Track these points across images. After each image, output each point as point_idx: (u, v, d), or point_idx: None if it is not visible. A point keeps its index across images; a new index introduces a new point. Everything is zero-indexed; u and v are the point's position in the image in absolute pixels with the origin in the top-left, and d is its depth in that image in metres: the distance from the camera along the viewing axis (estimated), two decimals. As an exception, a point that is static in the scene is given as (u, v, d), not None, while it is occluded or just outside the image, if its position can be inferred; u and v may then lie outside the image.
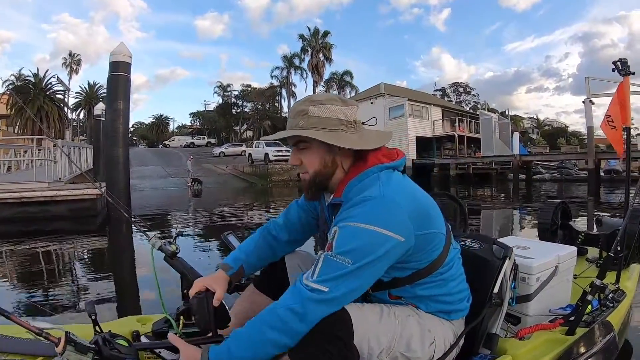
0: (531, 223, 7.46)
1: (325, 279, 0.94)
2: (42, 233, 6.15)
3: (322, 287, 0.94)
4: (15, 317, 0.86)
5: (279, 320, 0.94)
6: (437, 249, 1.08)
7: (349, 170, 1.11)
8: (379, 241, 0.96)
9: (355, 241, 0.96)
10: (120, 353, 0.88)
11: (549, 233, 2.41)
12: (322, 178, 1.12)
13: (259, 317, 0.97)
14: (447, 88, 55.71)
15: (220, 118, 45.24)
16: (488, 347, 1.24)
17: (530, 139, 43.25)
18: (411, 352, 1.06)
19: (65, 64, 41.20)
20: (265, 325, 0.95)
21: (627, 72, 2.34)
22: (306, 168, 1.12)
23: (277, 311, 0.95)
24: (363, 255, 0.95)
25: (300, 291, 0.95)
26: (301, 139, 1.10)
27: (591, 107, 15.41)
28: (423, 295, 1.11)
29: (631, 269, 2.09)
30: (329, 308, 0.95)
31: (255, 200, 13.35)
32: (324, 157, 1.10)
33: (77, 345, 0.84)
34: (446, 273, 1.12)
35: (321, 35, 38.37)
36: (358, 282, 0.97)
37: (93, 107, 34.88)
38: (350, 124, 1.09)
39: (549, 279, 1.58)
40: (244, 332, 0.97)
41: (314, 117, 1.07)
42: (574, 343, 1.30)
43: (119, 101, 7.49)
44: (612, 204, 10.94)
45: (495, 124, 22.19)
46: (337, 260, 0.95)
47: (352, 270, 0.95)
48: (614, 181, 18.04)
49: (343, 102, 1.10)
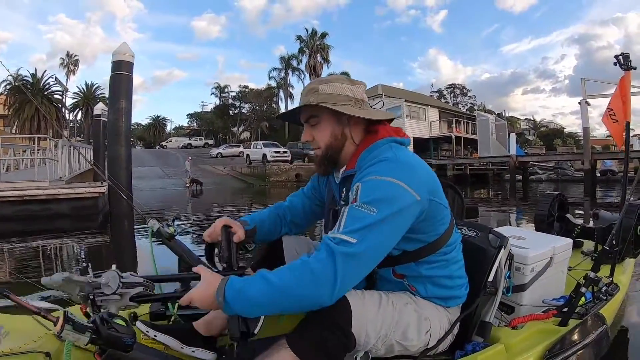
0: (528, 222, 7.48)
1: (352, 229, 0.94)
2: (44, 231, 6.16)
3: (349, 238, 0.92)
4: (14, 296, 0.87)
5: (310, 274, 0.90)
6: (444, 224, 1.12)
7: (360, 143, 1.16)
8: (400, 193, 0.98)
9: (379, 191, 0.98)
10: (118, 332, 0.89)
11: (545, 224, 2.43)
12: (333, 151, 1.17)
13: (288, 268, 0.94)
14: (443, 89, 55.86)
15: (218, 119, 45.20)
16: (481, 335, 1.26)
17: (527, 140, 43.29)
18: (407, 341, 1.08)
19: (63, 65, 41.09)
20: (292, 277, 0.91)
21: (629, 67, 2.34)
22: (318, 143, 1.18)
23: (308, 265, 0.92)
24: (387, 205, 0.96)
25: (328, 245, 0.93)
26: (312, 113, 1.16)
27: (587, 109, 15.47)
28: (426, 275, 1.13)
29: (625, 264, 2.11)
30: (359, 265, 0.94)
31: (255, 201, 13.35)
32: (334, 130, 1.15)
33: (76, 325, 0.85)
34: (449, 254, 1.15)
35: (319, 36, 38.34)
36: (382, 236, 0.96)
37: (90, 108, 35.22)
38: (357, 101, 1.15)
39: (544, 270, 1.60)
40: (267, 275, 0.94)
41: (324, 94, 1.12)
42: (567, 334, 1.31)
43: (122, 100, 7.52)
44: (609, 203, 10.98)
45: (492, 125, 22.29)
46: (361, 210, 0.96)
47: (377, 221, 0.94)
48: (609, 181, 18.46)
49: (350, 81, 1.17)
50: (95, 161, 10.94)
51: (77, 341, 0.85)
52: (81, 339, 0.85)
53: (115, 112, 7.59)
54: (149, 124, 50.79)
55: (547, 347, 1.26)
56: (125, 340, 0.89)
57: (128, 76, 7.59)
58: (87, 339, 0.86)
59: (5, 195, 7.09)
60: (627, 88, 2.47)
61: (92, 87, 39.62)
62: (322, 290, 0.90)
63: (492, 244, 1.32)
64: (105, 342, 0.87)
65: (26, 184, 7.54)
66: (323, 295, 0.91)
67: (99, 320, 0.88)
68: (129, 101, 7.65)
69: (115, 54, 7.47)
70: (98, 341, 0.87)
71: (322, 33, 38.38)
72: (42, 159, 9.68)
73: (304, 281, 0.90)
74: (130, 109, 7.74)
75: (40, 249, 5.02)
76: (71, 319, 0.85)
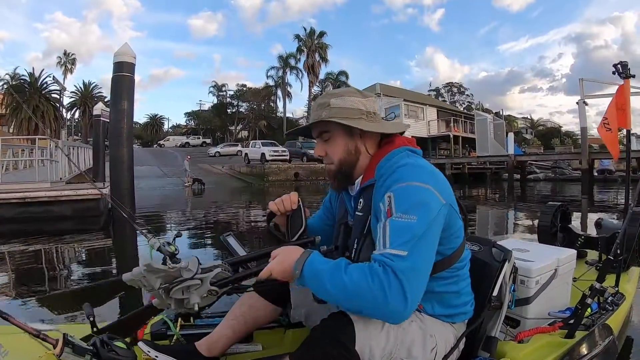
0: (526, 223, 7.50)
1: (400, 242, 0.92)
2: (45, 233, 6.15)
3: (400, 252, 0.91)
4: (12, 318, 0.86)
5: (380, 288, 0.88)
6: (459, 236, 1.11)
7: (376, 153, 1.16)
8: (431, 197, 0.99)
9: (413, 197, 0.98)
10: (118, 355, 0.87)
11: (548, 235, 2.41)
12: (347, 166, 1.16)
13: (362, 273, 0.91)
14: (441, 88, 55.99)
15: (216, 118, 45.24)
16: (487, 350, 1.24)
17: (524, 139, 43.50)
18: (412, 358, 1.06)
19: (60, 63, 41.04)
20: (366, 286, 0.89)
21: (628, 75, 2.34)
22: (331, 158, 1.17)
23: (379, 278, 0.89)
24: (424, 210, 0.96)
25: (385, 263, 0.90)
26: (324, 129, 1.16)
27: (585, 108, 15.73)
28: (437, 291, 1.10)
29: (631, 272, 2.10)
30: (419, 277, 0.92)
31: (256, 201, 13.34)
32: (347, 145, 1.15)
33: (75, 348, 0.84)
34: (461, 270, 1.14)
35: (317, 35, 38.37)
36: (429, 243, 0.96)
37: (88, 107, 35.22)
38: (370, 114, 1.14)
39: (549, 282, 1.58)
40: (344, 272, 0.92)
41: (336, 108, 1.12)
42: (574, 346, 1.29)
43: (124, 101, 7.51)
44: (605, 202, 11.12)
45: (490, 125, 22.56)
46: (402, 220, 0.95)
47: (421, 228, 0.94)
48: (607, 181, 18.72)
49: (362, 94, 1.16)
50: (95, 161, 10.96)
51: (77, 364, 0.84)
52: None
53: (117, 113, 7.58)
54: (147, 123, 50.73)
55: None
56: (125, 363, 0.88)
57: (130, 77, 7.57)
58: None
59: (7, 198, 7.09)
60: (626, 96, 2.46)
61: (90, 86, 39.66)
62: (395, 305, 0.88)
63: (495, 258, 1.30)
64: (105, 365, 0.86)
65: (28, 186, 7.57)
66: (397, 312, 0.89)
67: (99, 343, 0.87)
68: (130, 102, 7.64)
69: (117, 55, 7.45)
70: (98, 364, 0.85)
71: (320, 32, 38.53)
72: (41, 160, 9.68)
73: (377, 294, 0.88)
74: (132, 110, 7.74)
75: (41, 251, 5.00)
76: (71, 342, 0.84)
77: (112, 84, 7.62)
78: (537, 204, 10.62)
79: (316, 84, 38.26)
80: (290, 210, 1.26)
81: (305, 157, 22.38)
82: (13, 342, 1.08)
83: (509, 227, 7.53)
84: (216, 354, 1.27)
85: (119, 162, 7.59)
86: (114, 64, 7.46)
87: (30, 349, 1.06)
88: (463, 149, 25.61)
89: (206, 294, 0.98)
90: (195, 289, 0.97)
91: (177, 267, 0.96)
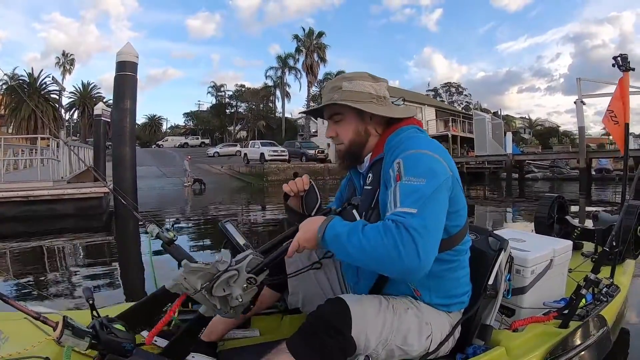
0: (525, 220, 7.52)
1: (409, 202, 0.93)
2: (48, 232, 6.18)
3: (409, 209, 0.92)
4: (13, 301, 0.87)
5: (394, 245, 0.87)
6: (463, 215, 1.13)
7: (384, 132, 1.19)
8: (439, 165, 1.02)
9: (421, 163, 1.01)
10: (117, 337, 0.88)
11: (545, 226, 2.42)
12: (356, 147, 1.20)
13: (377, 232, 0.91)
14: (439, 88, 56.04)
15: (214, 118, 45.23)
16: (482, 338, 1.25)
17: (522, 138, 43.65)
18: (407, 346, 1.07)
19: (59, 64, 40.88)
20: (381, 244, 0.89)
21: (627, 68, 2.33)
22: (341, 139, 1.21)
23: (392, 235, 0.89)
24: (432, 176, 0.98)
25: (397, 221, 0.91)
26: (336, 111, 1.20)
27: (582, 108, 15.85)
28: (436, 274, 1.09)
29: (626, 265, 2.11)
30: (430, 234, 0.91)
31: (257, 200, 13.37)
32: (357, 126, 1.18)
33: (75, 330, 0.85)
34: (462, 256, 1.16)
35: (316, 35, 38.38)
36: (438, 205, 0.97)
37: (87, 107, 35.13)
38: (380, 98, 1.18)
39: (544, 272, 1.59)
40: (362, 232, 0.93)
41: (347, 91, 1.16)
42: (568, 336, 1.30)
43: (127, 100, 7.54)
44: (604, 201, 11.14)
45: (489, 124, 22.72)
46: (411, 183, 0.97)
47: (429, 190, 0.95)
48: (605, 179, 18.74)
49: (373, 78, 1.20)
50: (96, 161, 10.97)
51: (76, 346, 0.85)
52: (80, 344, 0.85)
53: (120, 112, 7.62)
54: (145, 123, 50.61)
55: (548, 349, 1.26)
56: (124, 345, 0.89)
57: (132, 76, 7.62)
58: (87, 344, 0.86)
59: (11, 196, 7.14)
60: (625, 89, 2.47)
61: (89, 86, 39.58)
62: (410, 261, 0.87)
63: (492, 247, 1.31)
64: (104, 347, 0.87)
65: (31, 185, 7.59)
66: (412, 267, 0.88)
67: (99, 326, 0.88)
68: (133, 101, 7.69)
69: (120, 54, 7.50)
70: (98, 346, 0.87)
71: (319, 32, 38.42)
72: (42, 159, 9.71)
73: (391, 250, 0.88)
74: (135, 109, 7.78)
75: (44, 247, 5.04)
76: (70, 324, 0.85)
77: (114, 83, 7.65)
78: (535, 202, 10.58)
79: (315, 85, 38.24)
80: (303, 190, 1.29)
81: (304, 157, 22.39)
82: (13, 328, 1.09)
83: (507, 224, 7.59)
84: (214, 339, 1.29)
85: (122, 161, 7.63)
86: (117, 63, 7.49)
87: (30, 334, 1.08)
88: (461, 149, 25.77)
89: (245, 283, 0.97)
90: (234, 281, 0.97)
91: (212, 263, 0.97)
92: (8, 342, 1.05)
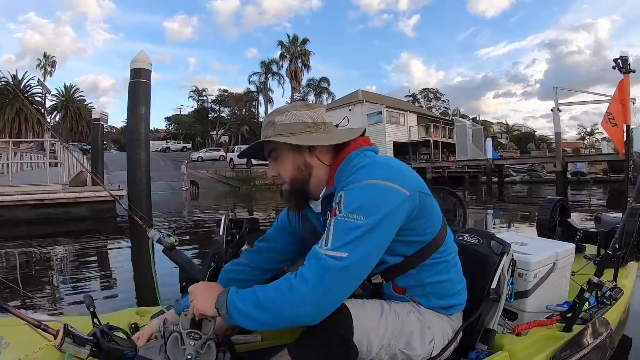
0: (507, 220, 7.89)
1: (342, 244, 0.90)
2: (63, 234, 6.29)
3: (340, 254, 0.89)
4: (13, 309, 0.86)
5: (298, 295, 0.89)
6: (438, 221, 1.09)
7: (334, 162, 1.11)
8: (387, 193, 0.95)
9: (364, 196, 0.94)
10: (119, 345, 0.88)
11: (547, 229, 2.42)
12: (299, 183, 1.11)
13: (275, 289, 0.92)
14: (417, 94, 56.59)
15: (197, 123, 45.54)
16: (485, 342, 1.24)
17: (500, 143, 44.15)
18: (410, 350, 1.06)
19: (40, 65, 40.89)
20: (280, 299, 0.90)
21: (628, 70, 2.33)
22: (283, 178, 1.12)
23: (294, 286, 0.90)
24: (374, 209, 0.92)
25: (319, 261, 0.90)
26: (272, 148, 1.11)
27: (559, 115, 16.94)
28: (428, 282, 1.09)
29: (629, 267, 2.10)
30: (350, 279, 0.92)
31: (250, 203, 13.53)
32: (295, 161, 1.10)
33: (76, 338, 0.84)
34: (449, 256, 1.12)
35: (300, 42, 38.62)
36: (373, 244, 0.93)
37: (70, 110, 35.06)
38: (318, 125, 1.10)
39: (547, 276, 1.59)
40: (257, 294, 0.93)
41: (281, 125, 1.08)
42: (571, 340, 1.30)
43: (142, 106, 7.74)
44: (579, 202, 11.72)
45: (469, 130, 23.72)
46: (348, 220, 0.92)
47: (367, 228, 0.91)
48: (580, 182, 20.00)
49: (307, 107, 1.12)
50: (94, 164, 11.09)
51: (77, 354, 0.85)
52: (81, 352, 0.85)
53: (135, 118, 7.82)
54: (124, 127, 50.41)
55: (551, 353, 1.25)
56: (126, 353, 0.88)
57: (146, 83, 7.83)
58: (88, 352, 0.85)
59: (24, 199, 7.28)
60: (626, 91, 2.47)
61: (72, 88, 39.75)
62: (307, 309, 0.89)
63: (494, 251, 1.30)
64: (106, 355, 0.87)
65: (43, 188, 7.80)
66: (307, 315, 0.90)
67: (100, 333, 0.87)
68: (148, 107, 7.90)
69: (134, 62, 7.71)
70: (99, 354, 0.86)
71: (304, 39, 39.09)
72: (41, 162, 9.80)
73: (289, 303, 0.89)
74: (149, 115, 7.97)
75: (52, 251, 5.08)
76: (71, 332, 0.84)
77: (129, 89, 7.91)
78: (513, 204, 12.23)
79: (299, 91, 38.57)
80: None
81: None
82: (14, 334, 1.08)
83: (488, 224, 7.81)
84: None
85: (138, 164, 7.83)
86: (131, 71, 7.72)
87: (31, 340, 1.07)
88: (442, 154, 26.58)
89: (192, 341, 0.99)
90: (182, 343, 0.99)
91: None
92: (9, 348, 1.04)
